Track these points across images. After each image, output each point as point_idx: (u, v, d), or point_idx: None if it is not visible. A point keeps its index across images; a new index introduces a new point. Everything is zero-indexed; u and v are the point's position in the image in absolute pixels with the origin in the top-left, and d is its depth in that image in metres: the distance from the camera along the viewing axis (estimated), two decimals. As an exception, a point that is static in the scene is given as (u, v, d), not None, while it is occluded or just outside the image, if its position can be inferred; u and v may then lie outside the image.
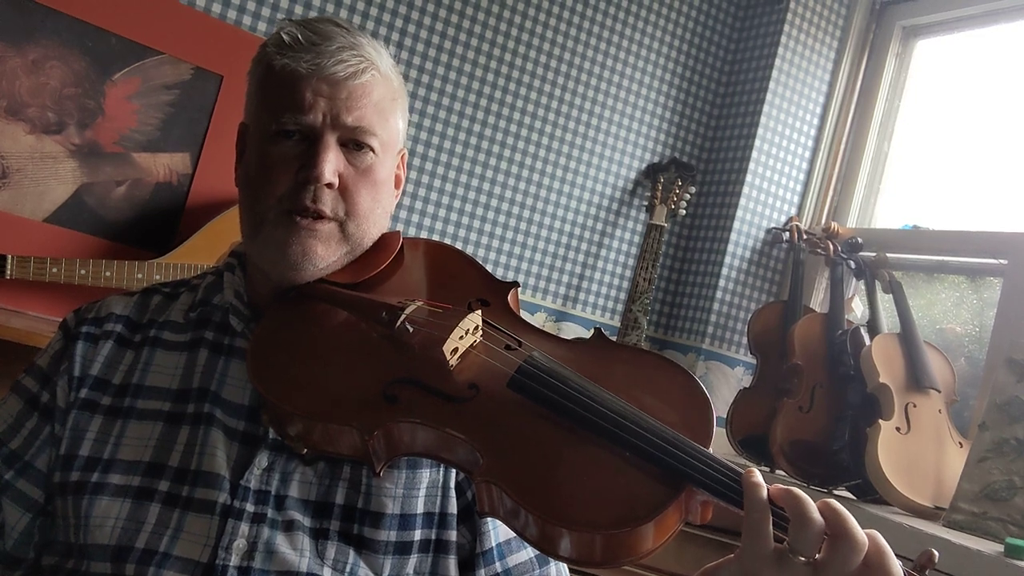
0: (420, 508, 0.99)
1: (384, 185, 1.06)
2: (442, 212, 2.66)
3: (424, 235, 2.62)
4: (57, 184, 2.13)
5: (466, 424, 0.87)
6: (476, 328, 0.96)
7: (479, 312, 0.98)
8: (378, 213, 1.06)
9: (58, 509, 0.99)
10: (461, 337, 0.94)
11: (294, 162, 1.00)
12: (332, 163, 0.99)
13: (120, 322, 1.07)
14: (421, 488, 1.00)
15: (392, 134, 1.06)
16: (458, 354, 0.94)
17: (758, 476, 0.79)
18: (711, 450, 0.85)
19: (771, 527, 0.77)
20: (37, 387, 1.05)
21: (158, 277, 2.08)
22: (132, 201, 2.20)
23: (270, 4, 2.37)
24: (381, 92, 1.03)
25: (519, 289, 1.08)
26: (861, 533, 0.77)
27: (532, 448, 0.86)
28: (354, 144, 1.02)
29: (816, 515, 0.77)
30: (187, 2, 2.27)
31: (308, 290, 1.03)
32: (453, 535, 1.01)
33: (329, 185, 1.00)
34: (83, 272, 2.00)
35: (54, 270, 1.98)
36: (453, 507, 1.02)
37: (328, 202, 1.00)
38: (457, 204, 2.68)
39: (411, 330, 0.96)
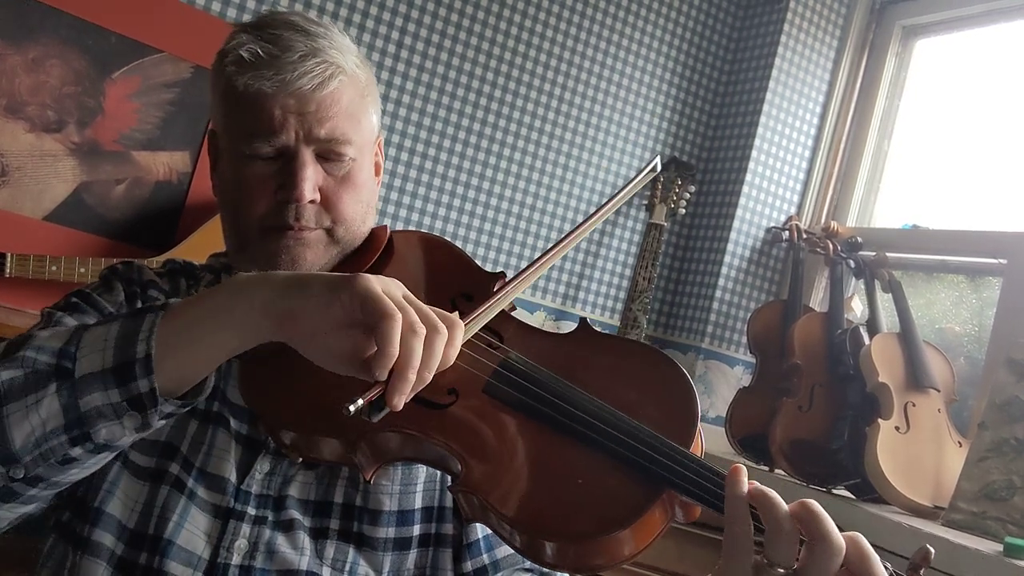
0: (418, 503, 0.99)
1: (365, 185, 1.05)
2: (442, 211, 2.66)
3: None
4: (57, 182, 2.13)
5: (445, 431, 0.87)
6: None
7: (455, 314, 0.96)
8: (363, 211, 1.05)
9: None
10: None
11: (271, 181, 0.99)
12: (311, 180, 0.98)
13: (162, 296, 1.07)
14: (418, 483, 1.00)
15: (367, 132, 1.05)
16: None
17: (743, 486, 0.76)
18: (698, 443, 0.83)
19: (752, 539, 0.74)
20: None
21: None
22: (132, 199, 2.20)
23: (270, 3, 2.37)
24: (350, 95, 1.01)
25: (506, 279, 1.05)
26: (838, 536, 0.73)
27: (509, 455, 0.85)
28: (331, 154, 1.01)
29: (787, 522, 0.73)
30: (187, 1, 2.27)
31: None
32: (451, 528, 1.01)
33: (312, 202, 0.99)
34: (82, 270, 2.00)
35: (53, 268, 1.98)
36: (449, 500, 1.01)
37: (312, 217, 1.00)
38: (457, 203, 2.68)
39: None
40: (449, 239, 1.22)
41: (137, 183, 2.21)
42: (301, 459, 0.95)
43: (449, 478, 0.88)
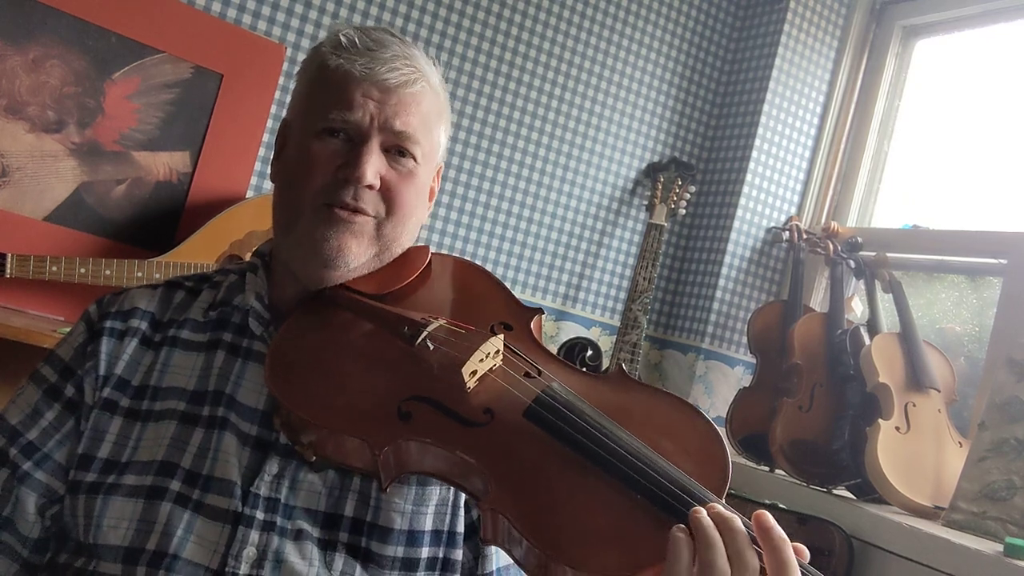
0: (428, 525, 0.99)
1: (422, 193, 1.07)
2: (442, 211, 2.66)
3: (425, 234, 2.62)
4: (57, 183, 2.13)
5: (478, 449, 0.87)
6: (497, 352, 0.95)
7: (501, 336, 0.97)
8: (413, 220, 1.07)
9: (67, 506, 0.98)
10: (481, 360, 0.93)
11: (336, 159, 1.01)
12: (375, 165, 1.00)
13: (145, 319, 1.06)
14: (430, 505, 0.99)
15: (434, 146, 1.08)
16: (476, 377, 0.93)
17: (782, 536, 0.78)
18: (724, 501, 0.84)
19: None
20: (57, 377, 1.04)
21: (158, 276, 2.07)
22: (132, 200, 2.20)
23: (270, 3, 2.37)
24: (429, 104, 1.05)
25: (543, 316, 1.07)
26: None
27: (542, 481, 0.85)
28: (397, 150, 1.03)
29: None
30: (187, 1, 2.27)
31: (332, 297, 1.02)
32: (460, 554, 1.00)
33: (370, 187, 1.00)
34: (83, 271, 2.00)
35: (54, 269, 1.98)
36: (461, 526, 1.01)
37: (370, 201, 1.01)
38: (457, 203, 2.68)
39: (431, 348, 0.95)
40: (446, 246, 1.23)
41: (137, 183, 2.21)
42: (315, 458, 0.95)
43: (474, 497, 0.87)
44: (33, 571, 1.01)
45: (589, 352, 2.70)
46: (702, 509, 0.79)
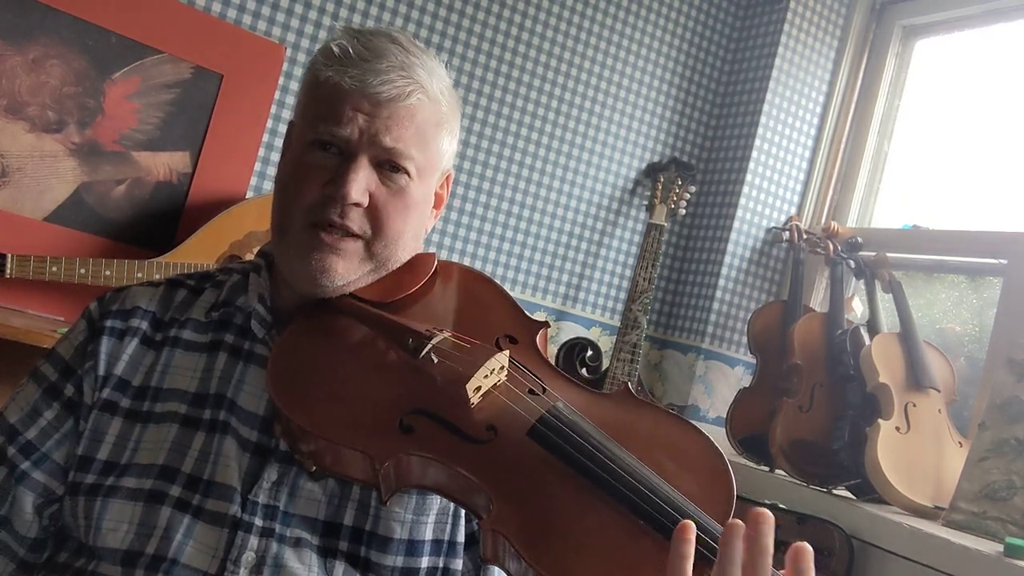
0: (428, 535, 0.98)
1: (417, 208, 1.04)
2: (442, 211, 2.65)
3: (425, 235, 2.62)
4: (57, 183, 2.13)
5: (480, 467, 0.86)
6: (501, 368, 0.94)
7: (507, 352, 0.96)
8: (408, 236, 1.04)
9: (67, 507, 0.98)
10: (486, 376, 0.92)
11: (325, 174, 0.99)
12: (361, 182, 0.97)
13: (146, 319, 1.05)
14: (430, 515, 0.99)
15: (433, 158, 1.04)
16: (480, 393, 0.92)
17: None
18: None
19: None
20: (57, 376, 1.03)
21: (158, 276, 2.07)
22: (132, 200, 2.21)
23: (270, 3, 2.37)
24: (425, 116, 1.01)
25: (549, 329, 1.05)
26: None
27: (544, 502, 0.84)
28: (389, 165, 1.00)
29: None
30: (187, 1, 2.27)
31: (335, 303, 1.01)
32: (459, 563, 1.00)
33: (356, 204, 0.98)
34: (83, 271, 2.00)
35: (54, 269, 1.98)
36: (461, 535, 1.00)
37: (355, 220, 0.99)
38: (457, 203, 2.68)
39: (436, 361, 0.94)
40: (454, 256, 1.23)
41: (137, 183, 2.21)
42: (315, 468, 0.94)
43: (475, 515, 0.87)
44: (29, 570, 1.01)
45: (589, 352, 2.70)
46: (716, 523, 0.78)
